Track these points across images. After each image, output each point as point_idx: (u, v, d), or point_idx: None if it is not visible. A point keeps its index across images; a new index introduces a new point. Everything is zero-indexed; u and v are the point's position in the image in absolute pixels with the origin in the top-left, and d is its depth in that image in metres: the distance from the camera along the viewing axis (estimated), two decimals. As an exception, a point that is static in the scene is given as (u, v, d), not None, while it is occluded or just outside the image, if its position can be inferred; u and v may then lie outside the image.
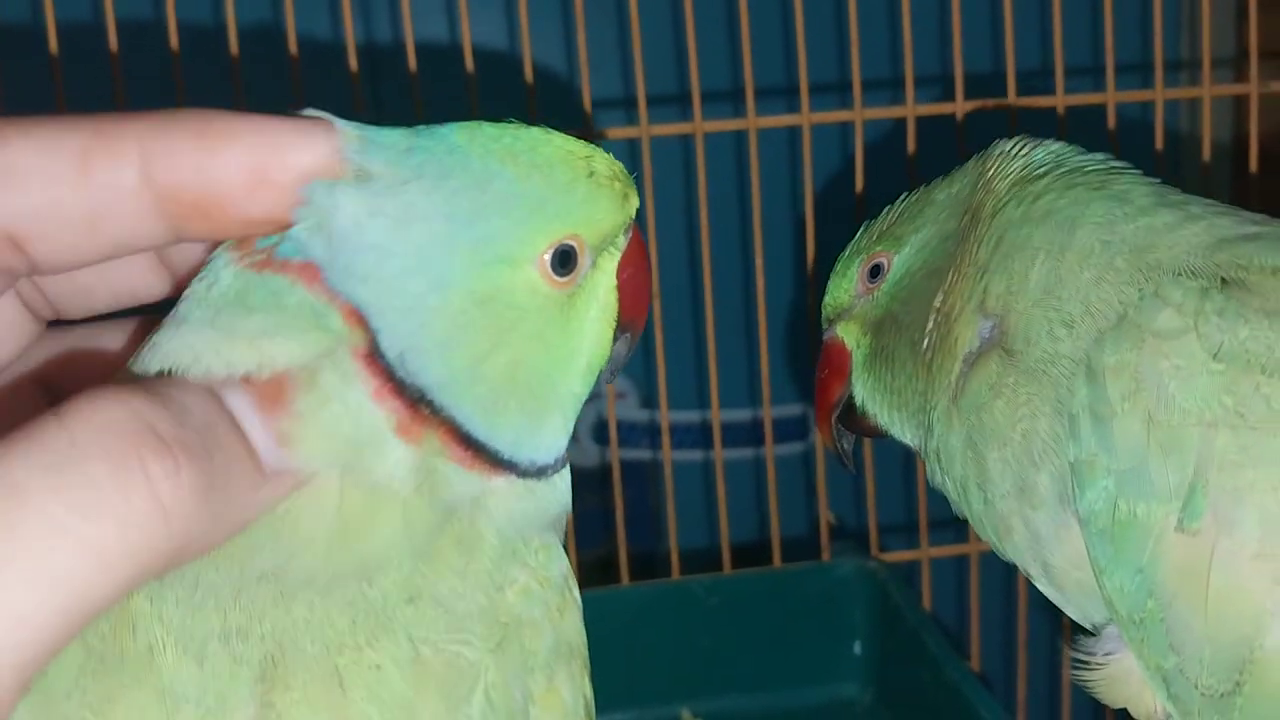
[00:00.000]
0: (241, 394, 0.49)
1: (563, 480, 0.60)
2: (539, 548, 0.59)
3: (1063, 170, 0.87)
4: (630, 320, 0.62)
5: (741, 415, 1.91)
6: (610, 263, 0.61)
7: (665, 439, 1.45)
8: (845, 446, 1.01)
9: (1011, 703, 1.58)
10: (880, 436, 0.97)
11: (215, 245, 0.54)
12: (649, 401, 2.10)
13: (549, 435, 0.58)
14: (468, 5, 1.37)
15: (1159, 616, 0.74)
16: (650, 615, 1.44)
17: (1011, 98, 1.46)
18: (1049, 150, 0.90)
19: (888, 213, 0.97)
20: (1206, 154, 1.52)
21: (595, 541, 1.73)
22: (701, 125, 1.40)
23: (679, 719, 1.43)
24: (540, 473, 0.58)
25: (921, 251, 0.92)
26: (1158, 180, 0.87)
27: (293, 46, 1.33)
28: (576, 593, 0.61)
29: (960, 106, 1.44)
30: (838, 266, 0.98)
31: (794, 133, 1.45)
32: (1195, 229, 0.81)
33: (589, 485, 2.04)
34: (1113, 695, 0.83)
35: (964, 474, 0.84)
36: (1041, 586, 0.86)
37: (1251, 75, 1.50)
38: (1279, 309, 0.74)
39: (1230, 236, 0.80)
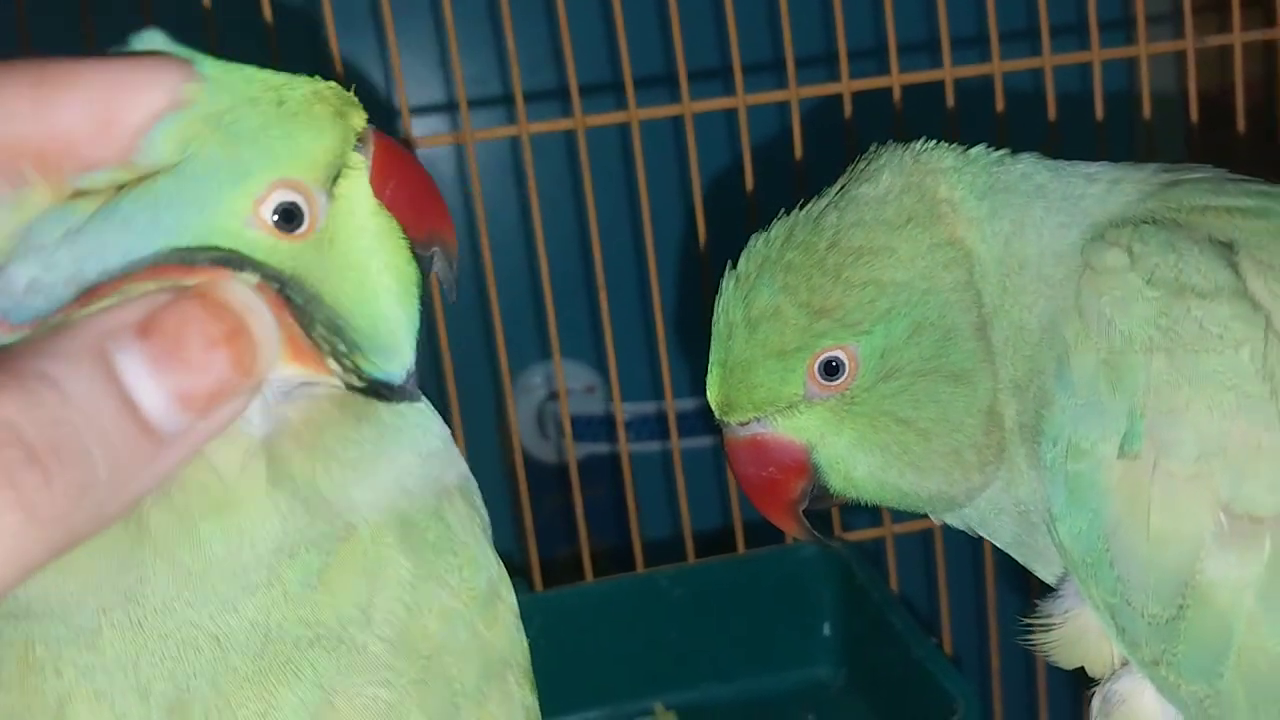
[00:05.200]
0: (134, 353, 0.47)
1: (417, 412, 0.57)
2: (461, 562, 0.56)
3: (1016, 207, 0.83)
4: (426, 234, 0.58)
5: (698, 404, 1.89)
6: (355, 185, 0.56)
7: (621, 432, 1.43)
8: (817, 533, 0.92)
9: (986, 676, 1.57)
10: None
11: None
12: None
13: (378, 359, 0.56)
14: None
15: (1105, 547, 0.75)
16: (616, 610, 1.43)
17: (946, 68, 1.45)
18: (982, 167, 0.84)
19: (798, 285, 0.82)
20: (1147, 112, 1.52)
21: (570, 538, 1.71)
22: (636, 113, 1.39)
23: (652, 713, 1.42)
24: (375, 390, 0.55)
25: (908, 344, 0.82)
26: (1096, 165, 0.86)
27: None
28: (510, 596, 0.58)
29: (896, 80, 1.42)
30: (759, 364, 0.84)
31: (730, 117, 1.44)
32: (1125, 188, 0.82)
33: (562, 482, 2.02)
34: (1070, 654, 0.83)
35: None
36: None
37: (1187, 31, 1.50)
38: (1208, 238, 0.75)
39: (1153, 189, 0.81)
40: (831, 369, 0.82)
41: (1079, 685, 1.55)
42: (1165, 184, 0.81)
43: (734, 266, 0.86)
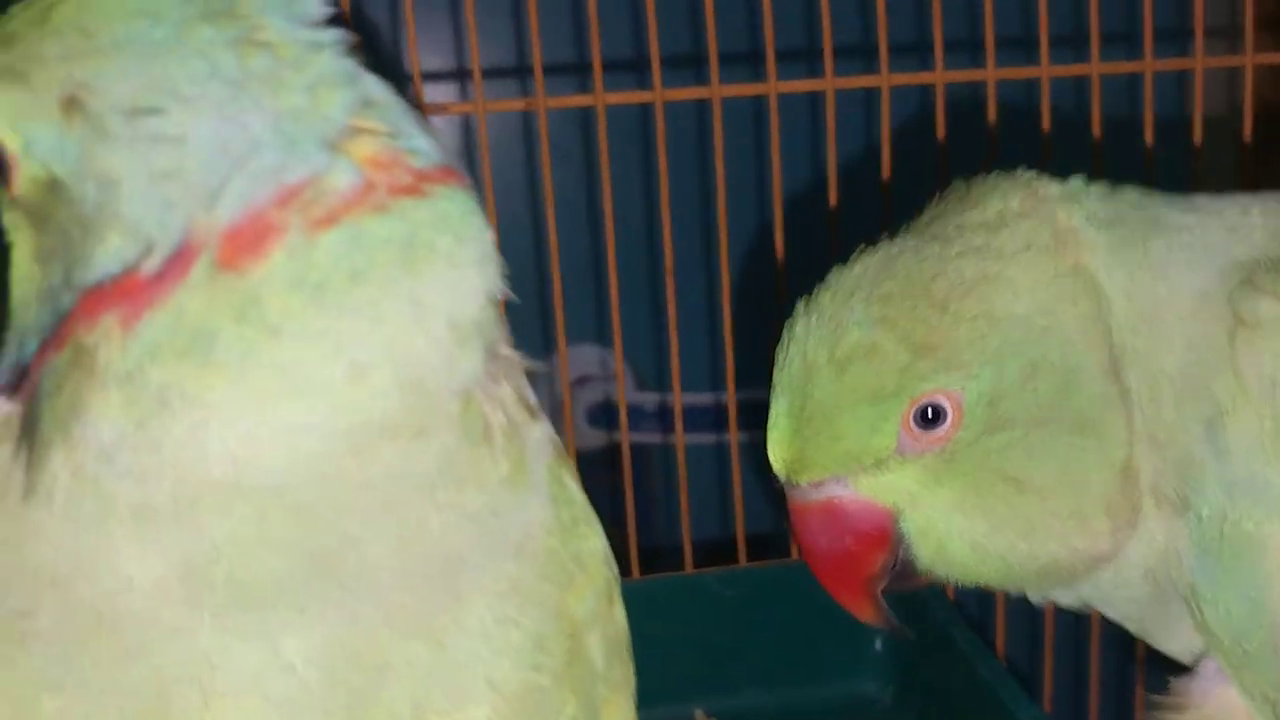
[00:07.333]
0: None
1: None
2: (586, 534, 0.53)
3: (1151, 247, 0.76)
4: None
5: (752, 396, 1.84)
6: None
7: (679, 424, 1.37)
8: (894, 620, 0.84)
9: (1037, 695, 1.53)
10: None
11: None
12: (644, 384, 2.03)
13: None
14: None
15: (1268, 639, 0.67)
16: (662, 610, 1.36)
17: (990, 69, 1.41)
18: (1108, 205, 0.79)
19: (898, 318, 0.74)
20: (1198, 132, 1.48)
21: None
22: (719, 90, 1.32)
23: (692, 718, 1.36)
24: None
25: (1023, 388, 0.73)
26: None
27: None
28: (616, 569, 0.56)
29: (939, 76, 1.38)
30: (847, 410, 0.74)
31: (815, 99, 1.39)
32: (1252, 222, 0.75)
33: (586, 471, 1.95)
34: None
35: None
36: None
37: (1247, 45, 1.48)
38: None
39: None
40: (930, 418, 0.73)
41: (1129, 697, 1.52)
42: None
43: (808, 300, 0.76)
